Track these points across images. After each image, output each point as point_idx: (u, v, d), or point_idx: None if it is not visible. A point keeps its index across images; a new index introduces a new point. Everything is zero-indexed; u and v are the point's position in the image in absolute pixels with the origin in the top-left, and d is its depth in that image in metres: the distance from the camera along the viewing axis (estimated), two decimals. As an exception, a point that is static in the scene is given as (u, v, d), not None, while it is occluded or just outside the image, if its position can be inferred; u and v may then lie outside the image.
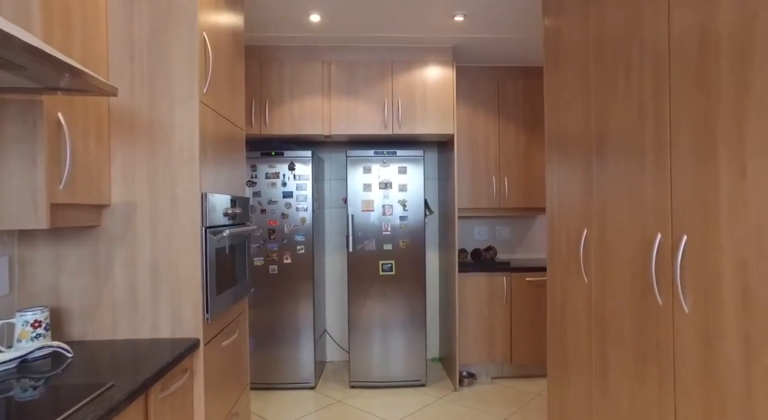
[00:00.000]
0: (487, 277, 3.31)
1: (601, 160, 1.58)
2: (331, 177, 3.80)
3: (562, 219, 1.90)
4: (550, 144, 2.03)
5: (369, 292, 3.26)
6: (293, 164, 3.19)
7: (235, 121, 2.00)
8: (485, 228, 3.87)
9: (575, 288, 1.78)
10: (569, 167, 1.83)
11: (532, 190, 3.53)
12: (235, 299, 1.83)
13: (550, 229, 2.04)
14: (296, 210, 3.19)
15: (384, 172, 3.25)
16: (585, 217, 1.70)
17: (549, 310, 2.07)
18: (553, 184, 2.00)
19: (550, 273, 2.04)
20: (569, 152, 1.84)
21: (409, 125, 3.17)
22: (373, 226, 3.25)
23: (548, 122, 2.05)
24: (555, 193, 1.98)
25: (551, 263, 2.03)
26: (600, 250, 1.59)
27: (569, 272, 1.84)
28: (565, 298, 1.89)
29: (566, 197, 1.86)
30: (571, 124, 1.81)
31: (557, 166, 1.96)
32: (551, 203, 2.02)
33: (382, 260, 3.26)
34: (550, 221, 2.04)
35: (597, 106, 1.60)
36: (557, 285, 1.97)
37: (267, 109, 3.11)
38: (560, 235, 1.93)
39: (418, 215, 3.26)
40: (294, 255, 3.19)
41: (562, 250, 1.91)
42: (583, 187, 1.71)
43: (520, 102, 3.52)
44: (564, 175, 1.88)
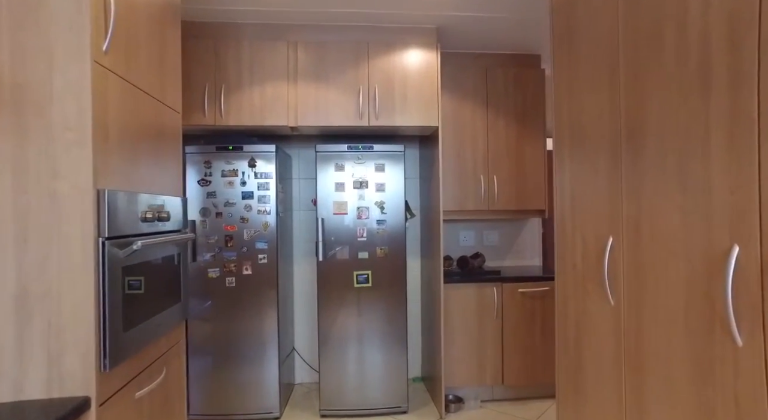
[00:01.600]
0: (476, 288, 2.94)
1: (634, 153, 1.22)
2: (299, 175, 3.37)
3: (577, 225, 1.54)
4: (560, 137, 1.67)
5: (342, 306, 2.85)
6: (254, 160, 2.76)
7: (167, 101, 1.57)
8: (472, 233, 3.51)
9: (596, 310, 1.42)
10: (587, 163, 1.47)
11: (524, 190, 3.18)
12: (159, 331, 1.40)
13: (559, 238, 1.67)
14: (257, 213, 2.76)
15: (359, 170, 2.86)
16: (611, 223, 1.33)
17: (558, 334, 1.70)
18: (564, 184, 1.63)
19: (560, 290, 1.67)
20: (587, 145, 1.47)
21: (388, 116, 2.79)
22: (347, 231, 2.85)
23: (558, 112, 1.68)
24: (566, 194, 1.61)
25: (561, 278, 1.66)
26: (633, 264, 1.23)
27: (587, 291, 1.47)
28: (580, 321, 1.52)
29: (583, 199, 1.50)
30: (590, 112, 1.45)
31: (569, 163, 1.59)
32: (561, 206, 1.66)
33: (357, 270, 2.86)
34: (559, 228, 1.67)
35: (629, 89, 1.24)
36: (569, 305, 1.60)
37: (223, 96, 2.67)
38: (573, 244, 1.56)
39: (397, 219, 2.87)
40: (255, 265, 2.76)
41: (576, 264, 1.54)
42: (609, 186, 1.35)
43: (510, 93, 3.18)
44: (580, 172, 1.52)
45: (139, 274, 1.27)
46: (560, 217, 1.65)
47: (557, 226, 1.68)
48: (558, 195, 1.67)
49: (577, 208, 1.53)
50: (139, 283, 1.27)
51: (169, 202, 1.50)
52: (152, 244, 1.24)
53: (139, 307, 1.27)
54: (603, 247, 1.36)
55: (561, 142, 1.65)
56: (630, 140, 1.23)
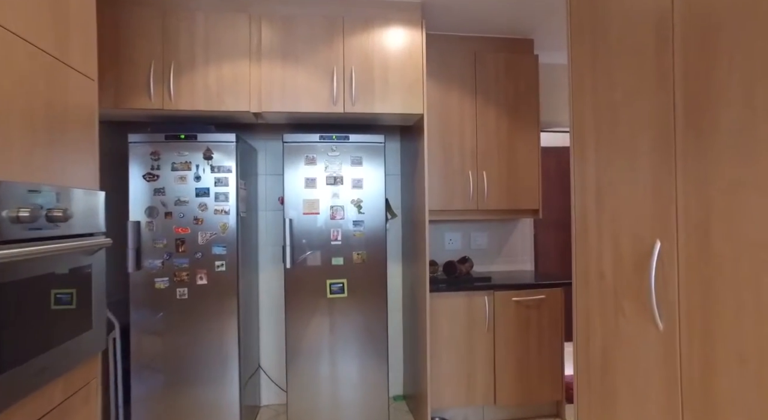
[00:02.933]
0: (465, 297, 2.62)
1: (697, 131, 0.91)
2: (267, 171, 2.99)
3: (605, 226, 1.22)
4: (580, 123, 1.35)
5: (313, 319, 2.49)
6: (210, 152, 2.37)
7: (71, 61, 1.18)
8: (458, 235, 3.19)
9: (634, 335, 1.10)
10: (620, 150, 1.16)
11: (516, 188, 2.89)
12: (46, 376, 1.02)
13: (579, 242, 1.36)
14: (214, 213, 2.37)
15: (333, 164, 2.50)
16: (658, 223, 1.02)
17: (578, 360, 1.39)
18: (586, 177, 1.32)
19: (580, 306, 1.36)
20: (619, 128, 1.17)
21: (366, 102, 2.44)
22: (319, 233, 2.49)
23: (577, 94, 1.37)
24: (589, 188, 1.30)
25: (582, 292, 1.35)
26: (698, 278, 0.92)
27: (620, 308, 1.15)
28: (609, 346, 1.21)
29: (614, 193, 1.18)
30: (625, 88, 1.13)
31: (594, 152, 1.28)
32: (582, 204, 1.34)
33: (330, 278, 2.50)
34: (579, 230, 1.35)
35: (689, 48, 0.93)
36: (594, 325, 1.28)
37: (172, 75, 2.28)
38: (600, 250, 1.25)
39: (377, 219, 2.53)
40: (211, 273, 2.37)
41: (604, 273, 1.23)
42: (654, 176, 1.04)
43: (501, 81, 2.88)
44: (609, 161, 1.21)
45: (9, 299, 0.89)
46: (581, 216, 1.34)
47: (577, 228, 1.36)
48: (577, 190, 1.36)
49: (606, 205, 1.22)
50: (9, 311, 0.88)
51: (72, 198, 1.12)
52: (23, 255, 0.86)
53: (10, 344, 0.89)
54: (646, 253, 1.05)
55: (581, 128, 1.34)
56: (690, 114, 0.92)
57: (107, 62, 2.22)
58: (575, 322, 1.38)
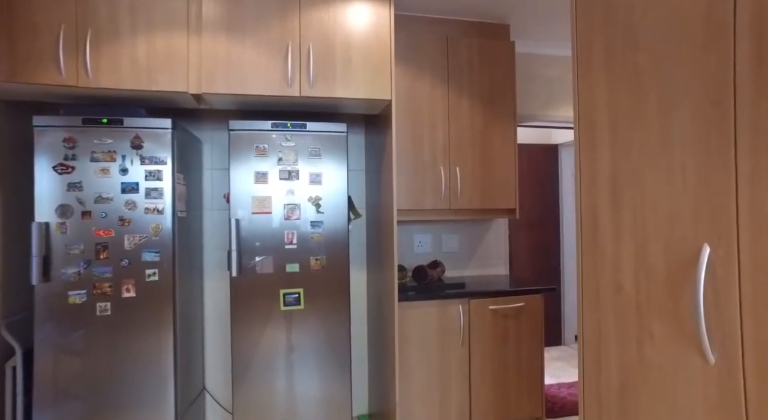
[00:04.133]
0: (437, 306, 2.35)
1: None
2: (213, 165, 2.62)
3: (625, 227, 0.97)
4: (588, 100, 1.10)
5: (264, 334, 2.16)
6: (140, 140, 1.99)
7: None
8: (428, 237, 2.93)
9: (673, 369, 0.85)
10: (649, 133, 0.91)
11: (491, 186, 2.65)
12: None
13: (586, 249, 1.10)
14: (145, 212, 1.99)
15: (288, 156, 2.18)
16: (707, 223, 0.78)
17: (584, 397, 1.13)
18: (596, 169, 1.07)
19: (589, 329, 1.10)
20: (646, 107, 0.91)
21: (326, 85, 2.13)
22: (271, 236, 2.16)
23: (582, 62, 1.12)
24: (602, 183, 1.05)
25: (590, 310, 1.09)
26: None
27: (649, 334, 0.91)
28: (631, 378, 0.96)
29: (639, 187, 0.94)
30: (656, 53, 0.88)
31: (609, 136, 1.03)
32: (590, 202, 1.09)
33: (284, 288, 2.17)
34: (587, 234, 1.10)
35: None
36: (612, 354, 1.03)
37: (89, 45, 1.89)
38: (617, 256, 1.00)
39: (338, 220, 2.23)
40: (141, 283, 1.99)
41: (623, 286, 0.98)
42: (701, 164, 0.79)
43: (476, 69, 2.64)
44: (631, 149, 0.95)
45: None
46: (589, 216, 1.09)
47: (583, 231, 1.11)
48: (584, 186, 1.11)
49: (626, 202, 0.97)
50: None
51: None
52: None
53: None
54: (687, 261, 0.80)
55: (590, 107, 1.08)
56: (765, 72, 0.67)
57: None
58: (581, 347, 1.12)
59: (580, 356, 1.12)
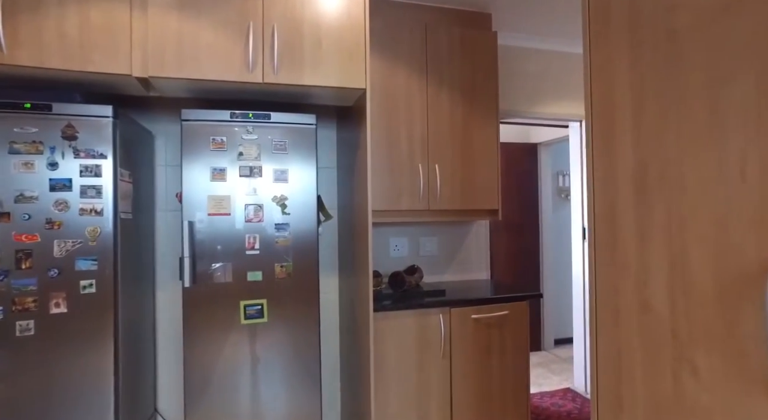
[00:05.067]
0: (416, 316, 2.15)
1: None
2: (168, 161, 2.35)
3: (655, 232, 0.80)
4: (604, 77, 0.92)
5: (223, 351, 1.91)
6: (73, 129, 1.71)
7: None
8: (405, 240, 2.73)
9: (728, 412, 0.67)
10: (691, 112, 0.73)
11: (473, 185, 2.48)
12: None
13: (601, 258, 0.92)
14: (79, 214, 1.71)
15: (249, 150, 1.94)
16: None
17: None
18: (614, 160, 0.89)
19: (605, 355, 0.92)
20: (687, 80, 0.73)
21: (293, 71, 1.90)
22: (230, 240, 1.91)
23: (596, 30, 0.93)
24: (624, 177, 0.87)
25: (606, 332, 0.91)
26: None
27: (691, 366, 0.73)
28: (666, 418, 0.78)
29: (677, 181, 0.76)
30: (703, 10, 0.71)
31: (633, 118, 0.85)
32: (607, 201, 0.91)
33: (245, 299, 1.93)
34: (602, 240, 0.92)
35: None
36: (638, 389, 0.85)
37: (2, 13, 1.60)
38: (643, 269, 0.82)
39: (306, 222, 2.00)
40: (74, 297, 1.71)
41: (652, 307, 0.80)
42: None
43: (456, 60, 2.46)
44: (665, 133, 0.77)
45: None
46: (605, 218, 0.90)
47: (597, 235, 0.92)
48: (598, 182, 0.92)
49: (657, 200, 0.79)
50: None
51: None
52: None
53: None
54: (748, 277, 0.62)
55: (606, 85, 0.90)
56: None
57: None
58: (595, 381, 0.94)
59: (594, 393, 0.93)
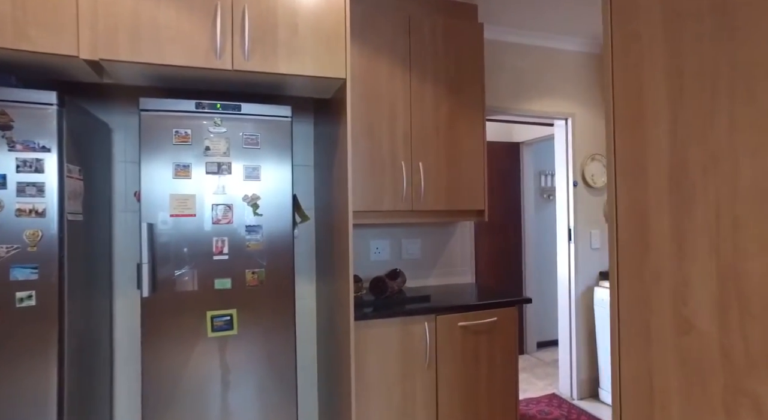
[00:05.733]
0: (400, 324, 2.01)
1: None
2: (128, 157, 2.13)
3: (698, 237, 0.67)
4: (631, 50, 0.79)
5: (187, 367, 1.72)
6: (8, 117, 1.50)
7: None
8: (387, 242, 2.59)
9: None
10: (747, 89, 0.60)
11: (458, 184, 2.35)
12: None
13: (626, 265, 0.79)
14: (16, 215, 1.50)
15: (217, 144, 1.75)
16: None
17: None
18: (644, 151, 0.76)
19: (630, 380, 0.79)
20: (754, 59, 0.60)
21: (266, 58, 1.73)
22: (196, 244, 1.73)
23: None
24: (656, 171, 0.75)
25: (632, 352, 0.79)
26: None
27: (754, 402, 0.60)
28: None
29: (730, 176, 0.64)
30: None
31: (669, 102, 0.72)
32: (635, 199, 0.78)
33: (213, 309, 1.74)
34: (628, 243, 0.79)
35: None
36: (664, 411, 0.72)
37: (-70, -15, 1.38)
38: (682, 281, 0.69)
39: (281, 224, 1.83)
40: (7, 311, 1.50)
41: (694, 325, 0.68)
42: None
43: (441, 51, 2.33)
44: (712, 118, 0.65)
45: None
46: (631, 221, 0.78)
47: (618, 242, 0.80)
48: (622, 178, 0.79)
49: (701, 198, 0.66)
50: None
51: None
52: None
53: None
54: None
55: (635, 67, 0.77)
56: None
57: None
58: (616, 404, 0.81)
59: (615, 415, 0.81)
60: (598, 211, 3.02)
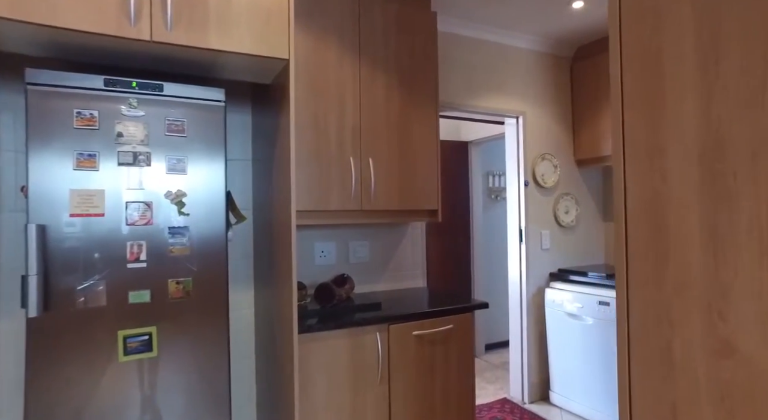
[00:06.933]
0: (349, 335, 1.81)
1: None
2: (19, 146, 1.76)
3: (740, 241, 0.53)
4: (646, 10, 0.65)
5: (90, 401, 1.42)
6: None
7: None
8: (333, 245, 2.38)
9: None
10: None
11: (411, 183, 2.20)
12: None
13: (630, 275, 0.65)
14: None
15: (134, 130, 1.47)
16: None
17: None
18: (670, 134, 0.62)
19: (642, 410, 0.64)
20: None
21: (194, 30, 1.47)
22: (105, 250, 1.43)
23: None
24: (674, 158, 0.60)
25: (646, 387, 0.64)
26: None
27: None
28: None
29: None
30: None
31: (699, 75, 0.58)
32: (645, 196, 0.63)
33: (126, 328, 1.45)
34: (633, 250, 0.65)
35: None
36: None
37: None
38: (717, 293, 0.55)
39: (213, 225, 1.57)
40: None
41: (737, 350, 0.54)
42: None
43: (392, 40, 2.17)
44: (766, 92, 0.51)
45: None
46: (645, 219, 0.63)
47: (628, 244, 0.65)
48: (632, 164, 0.66)
49: (746, 188, 0.53)
50: None
51: None
52: None
53: None
54: None
55: (652, 28, 0.63)
56: None
57: None
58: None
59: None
60: (548, 211, 3.00)
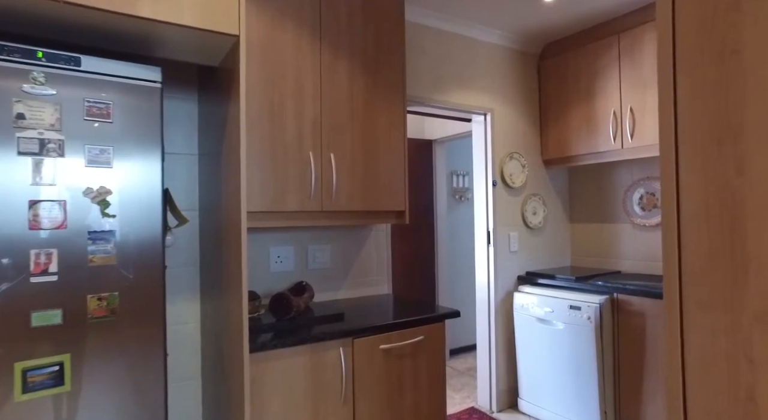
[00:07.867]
0: (309, 352, 1.60)
1: None
2: None
3: None
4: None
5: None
6: None
7: None
8: (290, 249, 2.16)
9: None
10: None
11: (376, 181, 2.02)
12: None
13: (684, 295, 0.49)
14: None
15: (40, 112, 1.20)
16: None
17: None
18: (742, 105, 0.46)
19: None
20: None
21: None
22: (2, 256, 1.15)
23: None
24: (752, 137, 0.44)
25: None
26: None
27: None
28: None
29: None
30: None
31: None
32: (715, 184, 0.48)
33: (27, 358, 1.18)
34: (687, 258, 0.49)
35: None
36: None
37: None
38: None
39: (146, 229, 1.33)
40: None
41: None
42: None
43: (357, 24, 1.98)
44: None
45: None
46: (709, 209, 0.48)
47: (677, 243, 0.50)
48: (687, 146, 0.50)
49: None
50: None
51: None
52: None
53: None
54: None
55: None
56: None
57: None
58: None
59: None
60: (516, 212, 2.90)
